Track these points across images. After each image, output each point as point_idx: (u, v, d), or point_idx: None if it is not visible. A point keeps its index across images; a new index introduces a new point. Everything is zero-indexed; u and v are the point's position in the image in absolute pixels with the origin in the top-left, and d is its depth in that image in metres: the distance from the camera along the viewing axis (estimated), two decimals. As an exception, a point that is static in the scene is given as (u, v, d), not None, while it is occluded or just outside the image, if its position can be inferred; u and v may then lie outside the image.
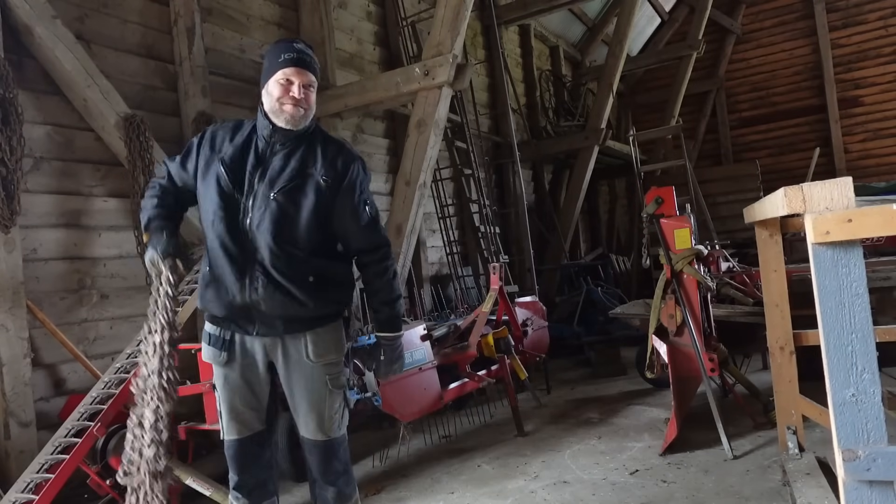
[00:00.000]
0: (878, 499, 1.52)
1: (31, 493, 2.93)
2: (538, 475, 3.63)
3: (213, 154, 2.27)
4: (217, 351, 2.27)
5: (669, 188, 4.17)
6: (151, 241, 2.22)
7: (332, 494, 2.33)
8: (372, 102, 5.79)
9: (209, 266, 2.27)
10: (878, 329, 2.41)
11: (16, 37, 3.78)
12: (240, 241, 2.20)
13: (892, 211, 1.48)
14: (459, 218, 8.17)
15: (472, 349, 4.52)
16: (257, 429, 2.33)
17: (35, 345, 3.78)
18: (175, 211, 2.38)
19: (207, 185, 2.25)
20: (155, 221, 2.27)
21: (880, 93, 12.23)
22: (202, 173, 2.27)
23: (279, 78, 2.21)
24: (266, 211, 2.18)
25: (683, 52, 12.25)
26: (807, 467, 2.94)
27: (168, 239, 2.22)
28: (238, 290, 2.18)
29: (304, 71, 2.23)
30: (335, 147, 2.33)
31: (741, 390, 4.37)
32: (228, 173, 2.22)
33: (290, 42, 2.29)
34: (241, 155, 2.25)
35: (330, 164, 2.26)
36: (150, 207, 2.32)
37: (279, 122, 2.22)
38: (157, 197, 2.34)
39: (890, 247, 5.92)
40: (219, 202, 2.21)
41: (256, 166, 2.24)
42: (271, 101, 2.22)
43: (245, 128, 2.32)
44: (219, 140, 2.29)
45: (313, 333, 2.27)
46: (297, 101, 2.20)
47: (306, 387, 2.28)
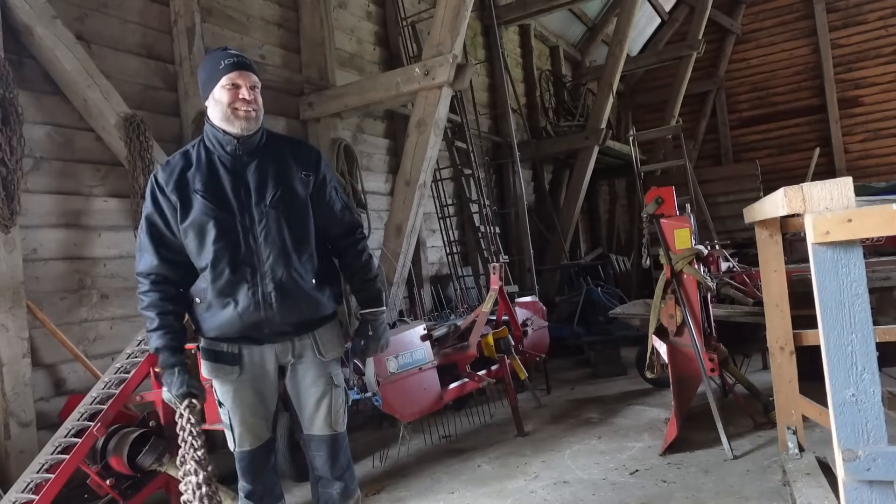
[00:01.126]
0: (878, 499, 1.52)
1: (31, 493, 2.93)
2: (538, 475, 3.63)
3: (186, 192, 2.17)
4: (228, 367, 2.24)
5: (669, 188, 4.17)
6: (165, 380, 2.20)
7: (338, 489, 2.34)
8: (372, 102, 5.80)
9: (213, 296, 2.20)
10: (878, 329, 2.41)
11: (16, 37, 3.78)
12: (248, 261, 2.18)
13: (892, 211, 1.48)
14: (459, 218, 8.17)
15: (472, 349, 4.52)
16: (266, 437, 2.35)
17: (35, 345, 3.78)
18: (178, 314, 2.26)
19: (195, 224, 2.16)
20: (163, 354, 2.19)
21: (880, 93, 12.24)
22: (182, 217, 2.17)
23: (224, 84, 2.16)
24: (268, 222, 2.18)
25: (683, 52, 12.25)
26: (807, 467, 2.94)
27: (180, 377, 2.17)
28: (253, 310, 2.17)
29: (248, 73, 2.19)
30: (296, 143, 2.39)
31: (741, 390, 4.37)
32: (212, 200, 2.16)
33: (224, 49, 2.26)
34: (212, 179, 2.18)
35: (303, 160, 2.29)
36: (154, 329, 2.20)
37: (234, 128, 2.17)
38: (154, 306, 2.20)
39: (890, 247, 5.92)
40: (216, 233, 2.15)
41: (236, 184, 2.19)
42: (222, 109, 2.17)
43: (193, 155, 2.23)
44: (176, 179, 2.19)
45: (321, 332, 2.31)
46: (249, 103, 2.17)
47: (313, 384, 2.31)
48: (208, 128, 2.25)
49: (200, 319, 2.25)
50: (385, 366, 3.75)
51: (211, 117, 2.22)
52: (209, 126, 2.24)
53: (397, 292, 5.71)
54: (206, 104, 2.24)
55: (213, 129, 2.22)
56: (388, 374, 3.76)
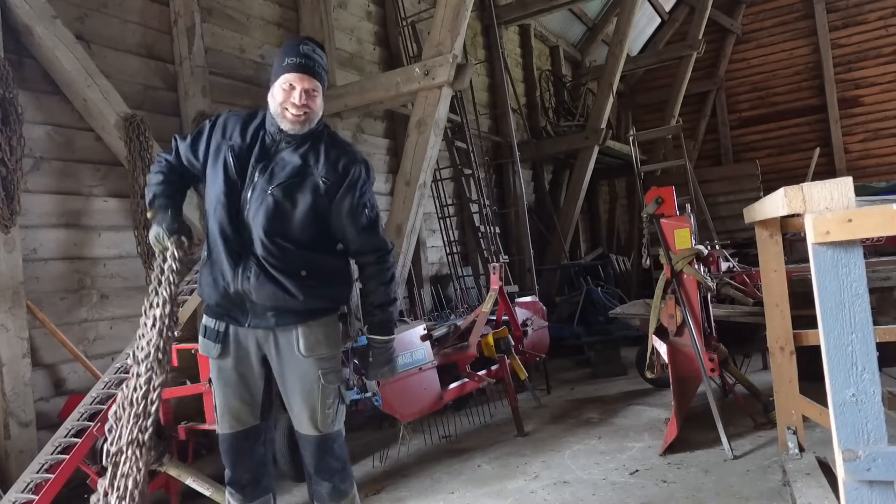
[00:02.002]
0: (878, 499, 1.52)
1: (31, 493, 2.93)
2: (538, 475, 3.63)
3: (223, 141, 2.29)
4: (211, 343, 2.30)
5: (669, 188, 4.17)
6: (156, 219, 2.28)
7: (326, 490, 2.33)
8: (372, 102, 5.79)
9: (208, 251, 2.31)
10: (878, 329, 2.41)
11: (16, 37, 3.78)
12: (237, 229, 2.23)
13: (892, 211, 1.48)
14: (459, 218, 8.17)
15: (472, 349, 4.52)
16: (250, 423, 2.33)
17: (35, 345, 3.78)
18: (180, 189, 2.42)
19: (215, 171, 2.27)
20: (160, 199, 2.32)
21: (880, 93, 12.23)
22: (212, 158, 2.30)
23: (282, 83, 2.21)
24: (262, 204, 2.21)
25: (683, 52, 12.26)
26: (807, 467, 2.94)
27: (173, 216, 2.29)
28: (231, 278, 2.22)
29: (307, 76, 2.21)
30: (339, 148, 2.33)
31: (741, 390, 4.37)
32: (235, 162, 2.25)
33: (297, 44, 2.26)
34: (249, 146, 2.28)
35: (331, 166, 2.27)
36: (156, 184, 2.35)
37: (282, 125, 2.25)
38: (163, 174, 2.37)
39: (890, 247, 5.92)
40: (223, 189, 2.24)
41: (259, 159, 2.26)
42: (275, 105, 2.24)
43: (257, 119, 2.34)
44: (230, 128, 2.31)
45: (305, 327, 2.27)
46: (299, 108, 2.20)
47: (298, 381, 2.28)
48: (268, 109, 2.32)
49: (199, 282, 2.36)
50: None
51: (269, 105, 2.28)
52: (269, 109, 2.31)
53: (397, 292, 5.70)
54: (270, 90, 2.29)
55: (269, 114, 2.30)
56: (388, 374, 3.75)
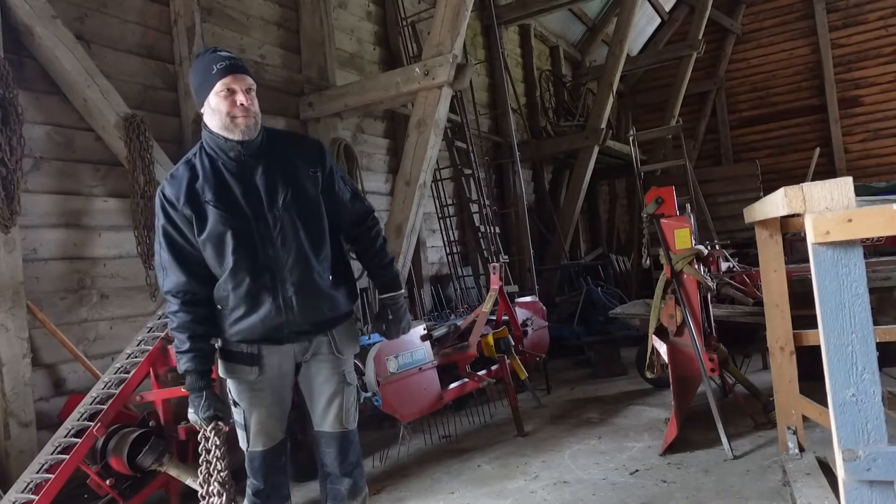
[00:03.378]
0: (878, 499, 1.52)
1: (31, 493, 2.92)
2: (538, 475, 3.63)
3: (198, 201, 2.14)
4: (247, 367, 2.24)
5: (669, 188, 4.17)
6: (192, 402, 2.20)
7: (347, 486, 2.35)
8: (372, 102, 5.79)
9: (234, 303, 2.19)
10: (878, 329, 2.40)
11: (16, 37, 3.78)
12: (267, 267, 2.17)
13: (892, 211, 1.48)
14: (459, 218, 8.17)
15: (472, 349, 4.52)
16: (280, 438, 2.36)
17: (35, 345, 3.78)
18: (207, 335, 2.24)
19: (212, 236, 2.14)
20: (192, 377, 2.19)
21: (880, 93, 12.24)
22: (199, 230, 2.15)
23: (219, 90, 2.10)
24: (283, 225, 2.17)
25: (683, 52, 12.26)
26: (807, 467, 2.95)
27: (207, 401, 2.18)
28: (275, 314, 2.18)
29: (242, 76, 2.12)
30: (296, 138, 2.37)
31: (741, 390, 4.37)
32: (226, 209, 2.13)
33: (214, 51, 2.18)
34: (222, 188, 2.15)
35: (307, 156, 2.27)
36: (186, 348, 2.18)
37: (235, 136, 2.13)
38: (185, 330, 2.18)
39: (890, 247, 5.92)
40: (234, 243, 2.13)
41: (247, 191, 2.16)
42: (220, 118, 2.12)
43: (197, 164, 2.18)
44: (186, 188, 2.14)
45: (339, 329, 2.33)
46: (247, 110, 2.12)
47: (326, 381, 2.32)
48: (206, 134, 2.19)
49: (222, 325, 2.24)
50: (385, 366, 3.75)
51: (209, 124, 2.16)
52: (207, 133, 2.18)
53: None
54: (202, 111, 2.18)
55: (213, 136, 2.17)
56: (388, 374, 3.76)
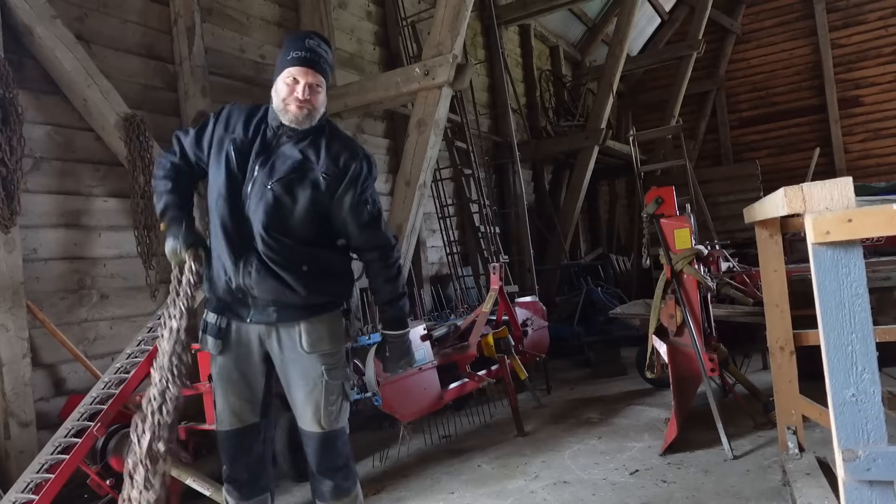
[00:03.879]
0: (878, 499, 1.52)
1: (31, 493, 2.92)
2: (538, 475, 3.63)
3: (226, 134, 2.28)
4: (212, 339, 2.28)
5: (669, 188, 4.17)
6: (171, 231, 2.27)
7: (328, 488, 2.30)
8: (372, 102, 5.79)
9: (210, 242, 2.30)
10: (878, 329, 2.40)
11: (16, 37, 3.78)
12: (238, 224, 2.22)
13: (892, 211, 1.48)
14: (459, 218, 8.17)
15: (472, 349, 4.52)
16: (250, 421, 2.32)
17: (35, 345, 3.78)
18: (189, 194, 2.40)
19: (217, 165, 2.27)
20: (172, 210, 2.30)
21: (880, 93, 12.23)
22: (215, 151, 2.29)
23: (285, 77, 2.21)
24: (262, 199, 2.20)
25: (683, 52, 12.25)
26: (807, 467, 2.94)
27: (188, 228, 2.27)
28: (233, 273, 2.21)
29: (311, 70, 2.20)
30: (341, 144, 2.32)
31: (741, 390, 4.37)
32: (237, 156, 2.24)
33: (303, 38, 2.26)
34: (251, 139, 2.27)
35: (332, 161, 2.26)
36: (164, 192, 2.32)
37: (284, 120, 2.24)
38: (170, 179, 2.34)
39: (890, 247, 5.92)
40: (225, 183, 2.23)
41: (260, 153, 2.25)
42: (278, 100, 2.24)
43: (259, 113, 2.33)
44: (233, 120, 2.31)
45: (307, 323, 2.26)
46: (302, 102, 2.19)
47: (301, 377, 2.27)
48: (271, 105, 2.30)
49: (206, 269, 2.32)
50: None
51: (272, 98, 2.27)
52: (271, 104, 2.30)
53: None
54: (273, 84, 2.28)
55: (271, 108, 2.29)
56: (388, 374, 3.76)
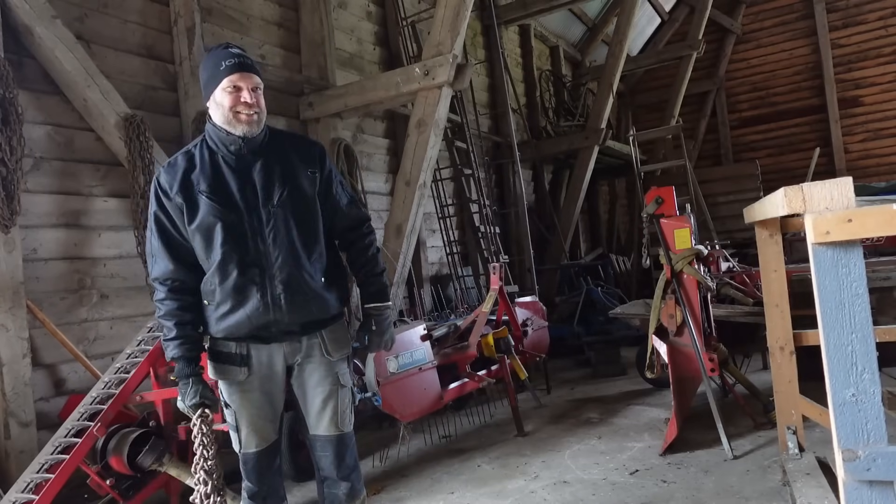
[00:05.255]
0: (878, 499, 1.52)
1: (31, 493, 2.92)
2: (538, 475, 3.63)
3: (191, 191, 2.15)
4: (236, 368, 2.23)
5: (669, 188, 4.17)
6: (180, 390, 2.21)
7: (344, 490, 2.33)
8: (372, 102, 5.79)
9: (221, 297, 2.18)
10: (878, 329, 2.41)
11: (16, 37, 3.78)
12: (256, 262, 2.16)
13: (892, 211, 1.48)
14: (459, 218, 8.17)
15: (472, 349, 4.52)
16: (273, 439, 2.34)
17: (35, 345, 3.78)
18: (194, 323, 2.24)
19: (202, 226, 2.15)
20: (180, 363, 2.19)
21: (880, 93, 12.23)
22: (189, 219, 2.16)
23: (225, 86, 2.13)
24: (276, 222, 2.16)
25: (683, 52, 12.26)
26: (807, 467, 2.94)
27: (194, 388, 2.18)
28: (262, 311, 2.16)
29: (249, 74, 2.16)
30: (298, 139, 2.37)
31: (741, 390, 4.37)
32: (219, 201, 2.14)
33: (226, 48, 2.20)
34: (217, 180, 2.16)
35: (306, 157, 2.28)
36: (173, 336, 2.20)
37: (237, 131, 2.15)
38: (172, 317, 2.19)
39: (890, 247, 5.92)
40: (224, 235, 2.14)
41: (242, 184, 2.17)
42: (224, 112, 2.15)
43: (196, 155, 2.21)
44: (181, 178, 2.16)
45: (328, 331, 2.31)
46: (250, 106, 2.14)
47: (319, 384, 2.30)
48: (210, 127, 2.22)
49: (209, 320, 2.23)
50: (385, 366, 3.75)
51: (213, 117, 2.20)
52: (211, 126, 2.21)
53: (397, 292, 5.71)
54: (208, 104, 2.22)
55: (216, 129, 2.20)
56: (388, 374, 3.76)
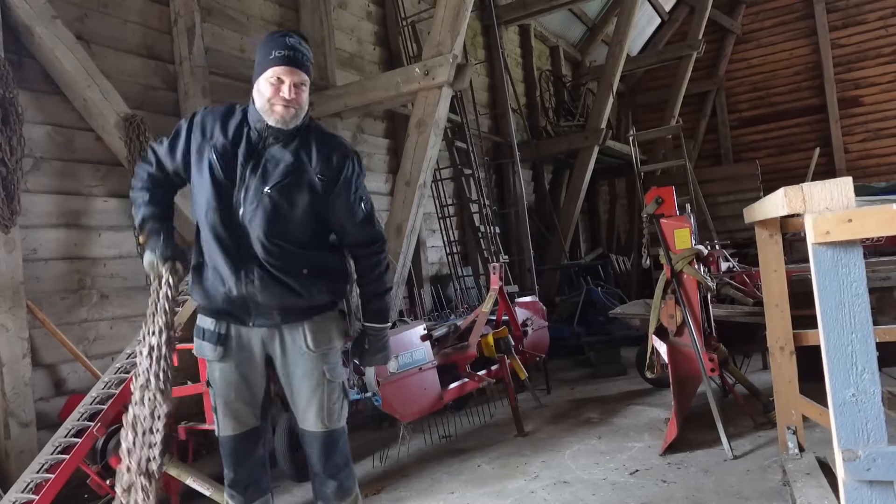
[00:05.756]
0: (878, 499, 1.52)
1: (31, 493, 2.93)
2: (538, 475, 3.63)
3: (205, 141, 2.21)
4: (212, 346, 2.24)
5: (669, 188, 4.17)
6: (149, 244, 2.22)
7: (332, 488, 2.30)
8: (372, 102, 5.79)
9: (202, 258, 2.24)
10: (878, 329, 2.40)
11: (16, 37, 3.78)
12: (233, 233, 2.18)
13: (892, 211, 1.48)
14: (459, 218, 8.17)
15: (472, 349, 4.52)
16: (252, 425, 2.32)
17: (35, 345, 3.78)
18: (168, 205, 2.35)
19: (201, 175, 2.20)
20: (150, 223, 2.25)
21: (880, 93, 12.24)
22: (195, 161, 2.22)
23: (269, 77, 2.15)
24: (259, 206, 2.16)
25: (683, 52, 12.26)
26: (807, 467, 2.94)
27: (165, 241, 2.21)
28: (234, 283, 2.16)
29: (296, 70, 2.16)
30: (330, 143, 2.29)
31: (741, 390, 4.37)
32: (221, 163, 2.17)
33: (284, 36, 2.19)
34: (233, 144, 2.19)
35: (325, 162, 2.23)
36: (143, 204, 2.28)
37: (270, 121, 2.18)
38: (148, 190, 2.29)
39: (890, 247, 5.92)
40: (212, 193, 2.17)
41: (248, 158, 2.19)
42: (262, 100, 2.18)
43: (236, 115, 2.25)
44: (209, 126, 2.23)
45: (311, 323, 2.26)
46: (288, 102, 2.15)
47: (305, 377, 2.27)
48: (251, 106, 2.25)
49: (193, 290, 2.27)
50: (385, 366, 3.75)
51: (255, 101, 2.22)
52: (252, 105, 2.24)
53: (397, 292, 5.71)
54: (254, 84, 2.23)
55: (253, 109, 2.22)
56: (388, 374, 3.76)
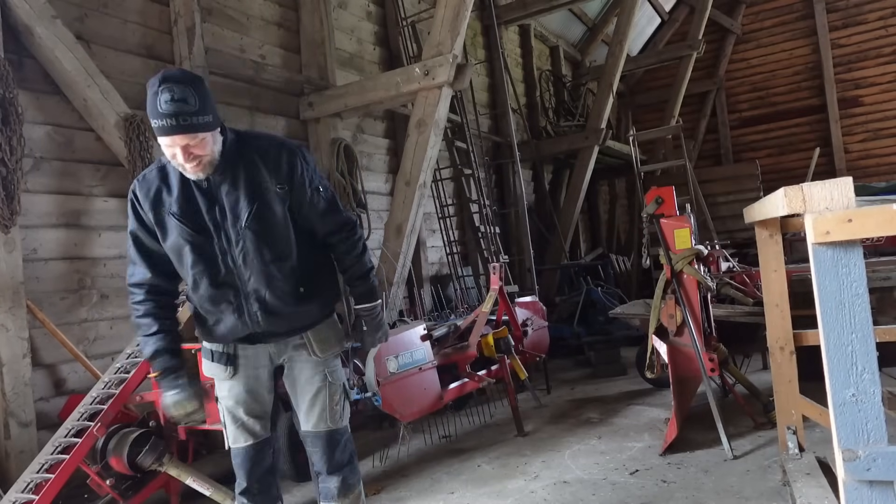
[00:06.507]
0: (878, 499, 1.52)
1: (31, 493, 2.92)
2: (538, 475, 3.63)
3: (161, 210, 2.14)
4: (222, 367, 2.30)
5: (669, 188, 4.17)
6: (168, 382, 2.26)
7: (335, 483, 2.36)
8: (372, 102, 5.80)
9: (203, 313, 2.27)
10: (878, 329, 2.40)
11: (16, 37, 3.78)
12: (228, 282, 2.19)
13: (892, 211, 1.48)
14: (459, 218, 8.17)
15: (472, 349, 4.52)
16: (263, 436, 2.38)
17: (35, 345, 3.78)
18: (174, 324, 2.31)
19: (173, 247, 2.17)
20: (161, 358, 2.25)
21: (880, 93, 12.24)
22: (161, 236, 2.18)
23: (161, 142, 2.01)
24: (245, 243, 2.15)
25: (683, 52, 12.26)
26: (807, 467, 2.94)
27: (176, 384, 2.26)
28: (241, 328, 2.23)
29: (180, 135, 1.95)
30: (269, 149, 2.19)
31: (741, 390, 4.37)
32: (188, 224, 2.13)
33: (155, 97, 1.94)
34: (187, 199, 2.13)
35: (275, 171, 2.17)
36: (149, 334, 2.24)
37: (190, 176, 2.09)
38: (152, 316, 2.24)
39: (890, 247, 5.92)
40: (193, 257, 2.15)
41: (211, 205, 2.13)
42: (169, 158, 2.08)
43: (171, 172, 2.15)
44: (153, 195, 2.15)
45: (315, 332, 2.34)
46: (195, 158, 2.02)
47: (309, 381, 2.35)
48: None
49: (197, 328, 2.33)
50: (385, 366, 3.75)
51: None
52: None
53: (397, 292, 5.71)
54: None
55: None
56: (388, 374, 3.76)
